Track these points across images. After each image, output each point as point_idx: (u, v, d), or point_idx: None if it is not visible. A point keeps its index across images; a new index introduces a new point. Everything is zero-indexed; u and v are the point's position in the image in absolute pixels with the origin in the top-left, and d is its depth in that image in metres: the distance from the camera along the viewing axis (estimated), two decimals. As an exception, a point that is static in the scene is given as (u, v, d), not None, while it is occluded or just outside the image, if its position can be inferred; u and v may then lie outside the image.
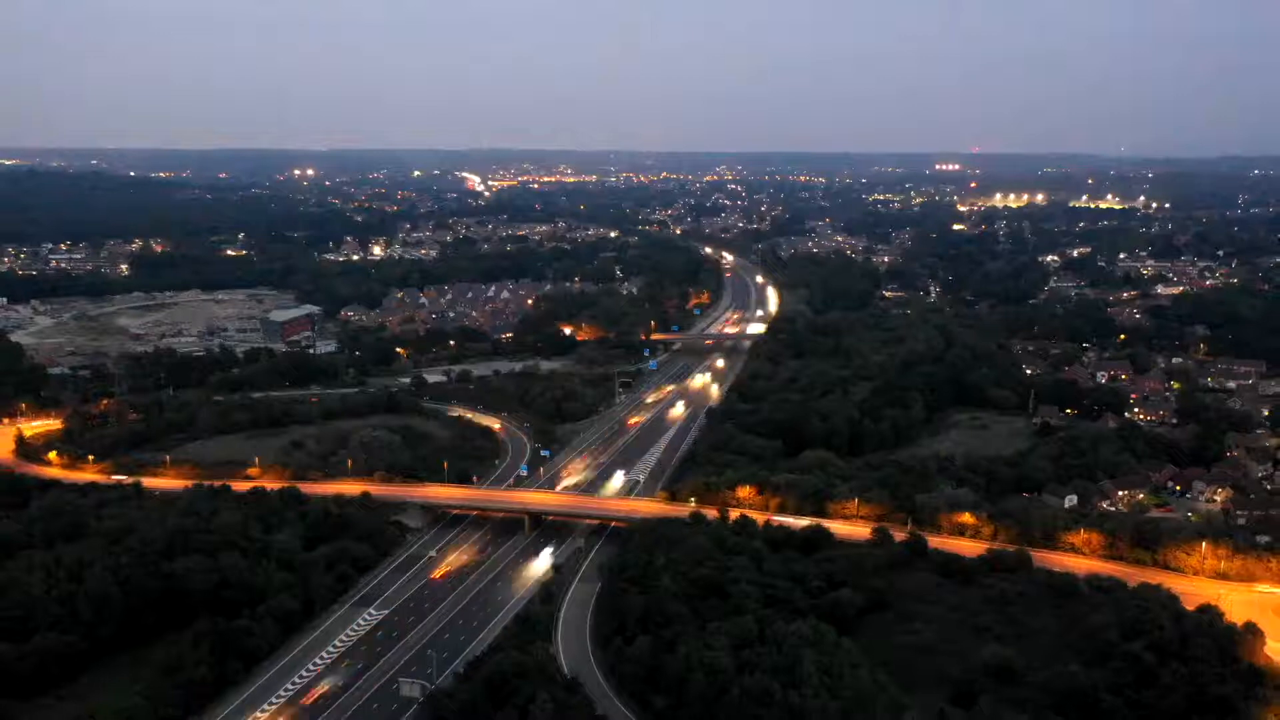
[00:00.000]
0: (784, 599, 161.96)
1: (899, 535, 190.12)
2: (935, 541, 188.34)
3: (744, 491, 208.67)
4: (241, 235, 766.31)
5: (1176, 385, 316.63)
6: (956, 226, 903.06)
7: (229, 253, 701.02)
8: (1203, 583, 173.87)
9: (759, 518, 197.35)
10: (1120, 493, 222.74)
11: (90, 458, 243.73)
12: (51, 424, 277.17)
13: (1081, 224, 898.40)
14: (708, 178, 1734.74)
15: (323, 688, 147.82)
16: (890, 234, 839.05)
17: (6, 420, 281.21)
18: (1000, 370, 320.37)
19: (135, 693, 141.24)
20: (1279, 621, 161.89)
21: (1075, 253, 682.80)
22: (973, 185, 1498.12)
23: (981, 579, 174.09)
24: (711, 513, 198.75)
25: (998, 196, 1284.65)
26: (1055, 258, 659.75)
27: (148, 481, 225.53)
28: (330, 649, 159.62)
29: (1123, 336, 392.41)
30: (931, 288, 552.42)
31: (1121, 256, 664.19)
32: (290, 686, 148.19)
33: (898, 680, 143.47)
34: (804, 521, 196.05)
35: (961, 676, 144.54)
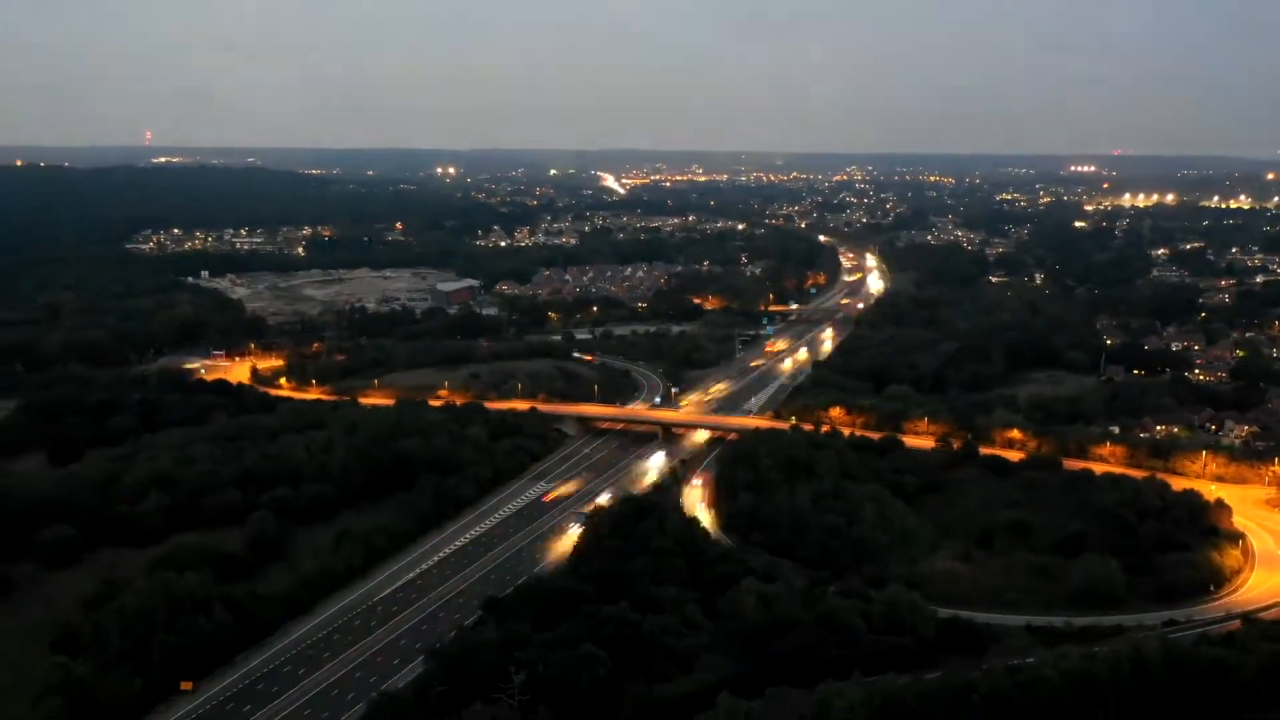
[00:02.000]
0: (857, 476, 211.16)
1: (957, 445, 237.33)
2: (986, 451, 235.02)
3: (835, 411, 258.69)
4: (398, 224, 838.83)
5: (1241, 353, 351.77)
6: (1078, 224, 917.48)
7: (389, 238, 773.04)
8: (1202, 484, 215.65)
9: (845, 431, 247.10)
10: (1159, 428, 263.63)
11: (313, 382, 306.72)
12: (274, 362, 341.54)
13: (1205, 222, 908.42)
14: (837, 177, 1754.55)
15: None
16: (1009, 229, 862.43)
17: (239, 359, 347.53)
18: (1078, 337, 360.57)
19: (378, 522, 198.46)
20: (1260, 509, 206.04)
21: (1187, 247, 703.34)
22: (1105, 186, 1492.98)
23: (1017, 473, 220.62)
24: (807, 426, 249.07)
25: (1126, 197, 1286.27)
26: (1164, 251, 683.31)
27: (361, 399, 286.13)
28: (515, 503, 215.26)
29: (1203, 315, 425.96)
30: (1036, 275, 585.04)
31: (1233, 251, 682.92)
32: (488, 522, 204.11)
33: (937, 529, 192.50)
34: (881, 435, 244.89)
35: (986, 528, 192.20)
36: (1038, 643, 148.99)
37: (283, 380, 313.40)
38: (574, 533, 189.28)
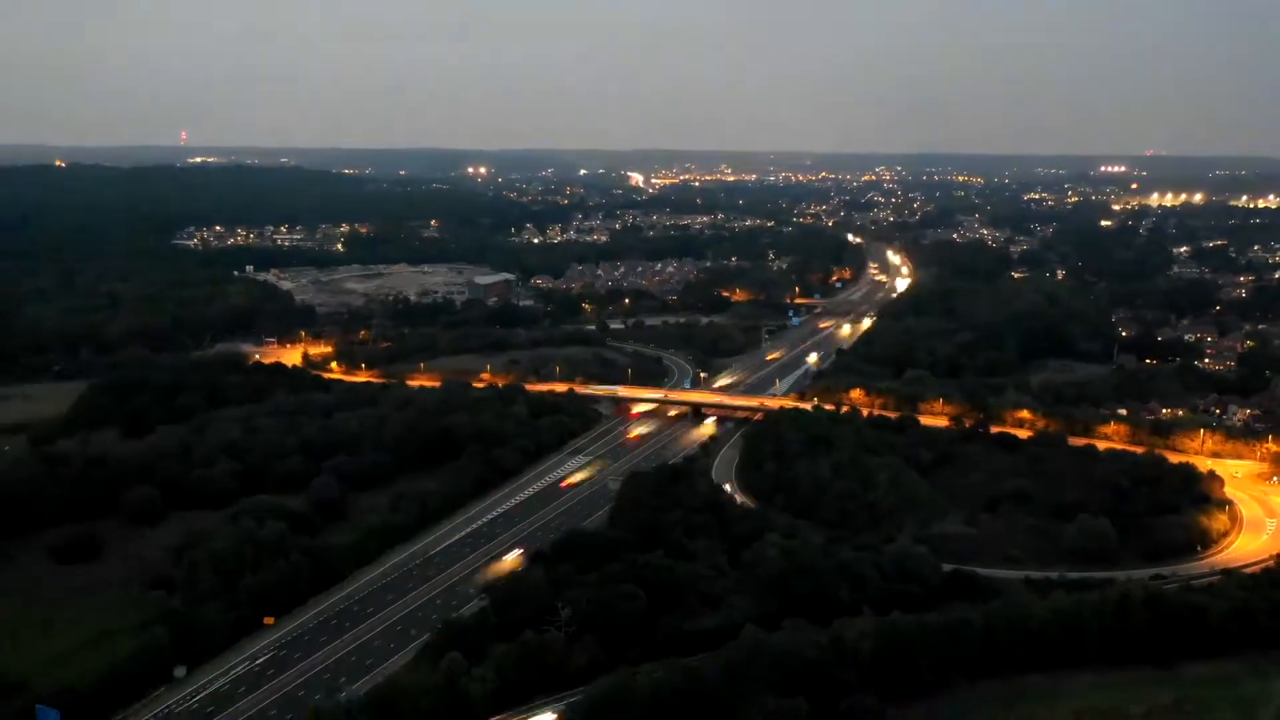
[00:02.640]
0: (874, 449, 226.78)
1: (968, 423, 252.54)
2: (996, 429, 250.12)
3: (855, 393, 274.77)
4: (433, 221, 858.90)
5: (1251, 343, 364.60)
6: (1104, 223, 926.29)
7: (425, 235, 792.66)
8: (1200, 459, 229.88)
9: (864, 411, 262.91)
10: (1164, 410, 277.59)
11: (362, 365, 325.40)
12: (323, 348, 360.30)
13: (1232, 221, 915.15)
14: (865, 177, 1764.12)
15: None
16: (1034, 228, 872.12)
17: (290, 345, 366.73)
18: (1093, 328, 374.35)
19: (431, 486, 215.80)
20: (1253, 483, 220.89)
21: (1209, 244, 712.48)
22: (1134, 186, 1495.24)
23: (1024, 449, 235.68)
24: (828, 407, 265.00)
25: (1154, 196, 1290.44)
26: (1186, 249, 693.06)
27: (408, 381, 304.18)
28: (555, 473, 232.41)
29: (1218, 309, 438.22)
30: (1058, 271, 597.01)
31: (1255, 249, 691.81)
32: (532, 489, 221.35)
33: (948, 497, 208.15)
34: (898, 415, 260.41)
35: (992, 496, 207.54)
36: (1034, 592, 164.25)
37: (333, 364, 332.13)
38: (614, 492, 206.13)
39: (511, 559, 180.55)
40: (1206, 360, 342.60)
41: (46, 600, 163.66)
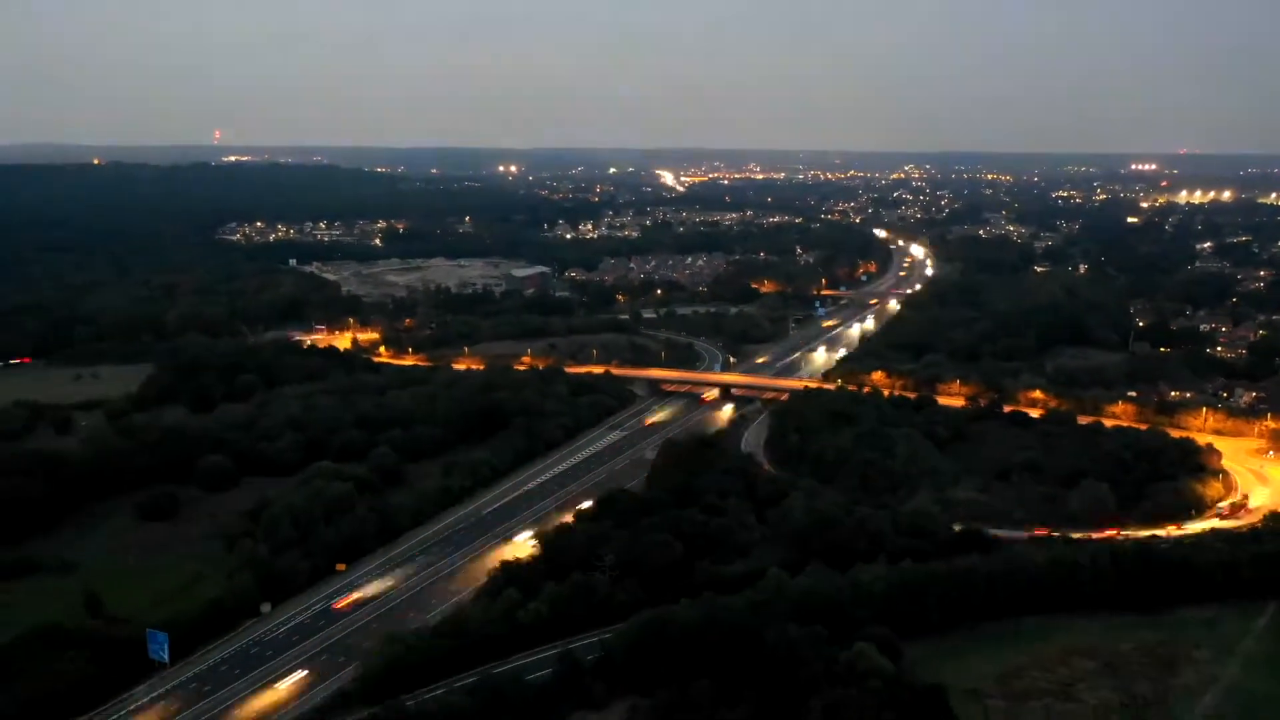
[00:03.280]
0: (893, 424, 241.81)
1: (983, 403, 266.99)
2: (1010, 408, 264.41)
3: (876, 375, 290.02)
4: (467, 218, 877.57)
5: (1263, 333, 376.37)
6: (1130, 220, 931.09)
7: (460, 231, 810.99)
8: (1204, 437, 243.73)
9: (885, 391, 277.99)
10: (1172, 393, 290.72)
11: (409, 350, 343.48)
12: (371, 335, 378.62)
13: (1259, 218, 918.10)
14: (894, 175, 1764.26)
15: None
16: (1060, 224, 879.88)
17: (338, 332, 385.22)
18: (1110, 318, 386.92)
19: (480, 456, 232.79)
20: (1250, 457, 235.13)
21: (1232, 240, 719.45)
22: (1163, 184, 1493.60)
23: (1036, 426, 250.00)
24: (851, 387, 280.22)
25: (1183, 194, 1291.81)
26: (1209, 244, 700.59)
27: (454, 364, 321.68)
28: (597, 444, 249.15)
29: (1234, 300, 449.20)
30: (1080, 266, 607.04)
31: (1278, 244, 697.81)
32: (573, 459, 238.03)
33: (962, 468, 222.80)
34: (916, 395, 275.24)
35: (1003, 467, 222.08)
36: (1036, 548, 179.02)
37: (381, 349, 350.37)
38: (650, 460, 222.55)
39: (559, 516, 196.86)
40: (1219, 349, 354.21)
41: (138, 551, 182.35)
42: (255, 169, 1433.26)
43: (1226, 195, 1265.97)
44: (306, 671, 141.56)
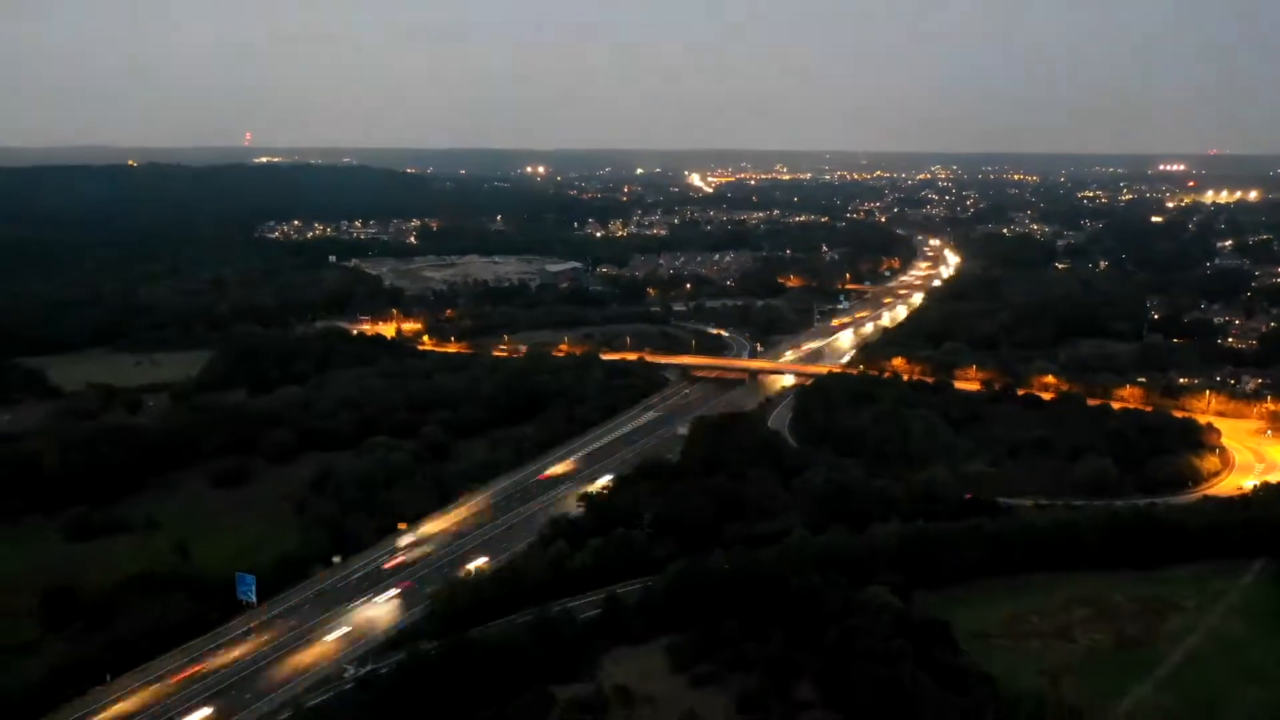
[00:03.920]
0: (910, 404, 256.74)
1: (998, 387, 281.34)
2: (1023, 392, 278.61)
3: (897, 361, 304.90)
4: (498, 217, 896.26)
5: (1274, 324, 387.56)
6: (1154, 219, 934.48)
7: (492, 229, 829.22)
8: (1207, 418, 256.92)
9: (904, 376, 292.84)
10: (1181, 380, 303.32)
11: (452, 339, 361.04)
12: (414, 325, 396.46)
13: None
14: (920, 176, 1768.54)
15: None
16: (1084, 223, 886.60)
17: (382, 323, 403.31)
18: (1126, 312, 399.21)
19: (523, 433, 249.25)
20: (1250, 436, 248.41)
21: (1255, 239, 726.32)
22: (1190, 184, 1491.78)
23: (1047, 408, 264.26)
24: (872, 372, 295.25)
25: (1209, 194, 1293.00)
26: (1230, 242, 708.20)
27: (494, 352, 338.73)
28: (632, 423, 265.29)
29: (1249, 294, 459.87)
30: (1101, 262, 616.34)
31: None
32: (610, 436, 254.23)
33: (975, 444, 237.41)
34: (934, 380, 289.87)
35: (1015, 444, 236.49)
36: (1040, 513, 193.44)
37: (425, 338, 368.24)
38: (683, 436, 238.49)
39: (601, 482, 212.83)
40: (1231, 339, 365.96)
41: (214, 514, 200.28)
42: (287, 170, 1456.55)
43: (1253, 195, 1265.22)
44: (399, 590, 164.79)
